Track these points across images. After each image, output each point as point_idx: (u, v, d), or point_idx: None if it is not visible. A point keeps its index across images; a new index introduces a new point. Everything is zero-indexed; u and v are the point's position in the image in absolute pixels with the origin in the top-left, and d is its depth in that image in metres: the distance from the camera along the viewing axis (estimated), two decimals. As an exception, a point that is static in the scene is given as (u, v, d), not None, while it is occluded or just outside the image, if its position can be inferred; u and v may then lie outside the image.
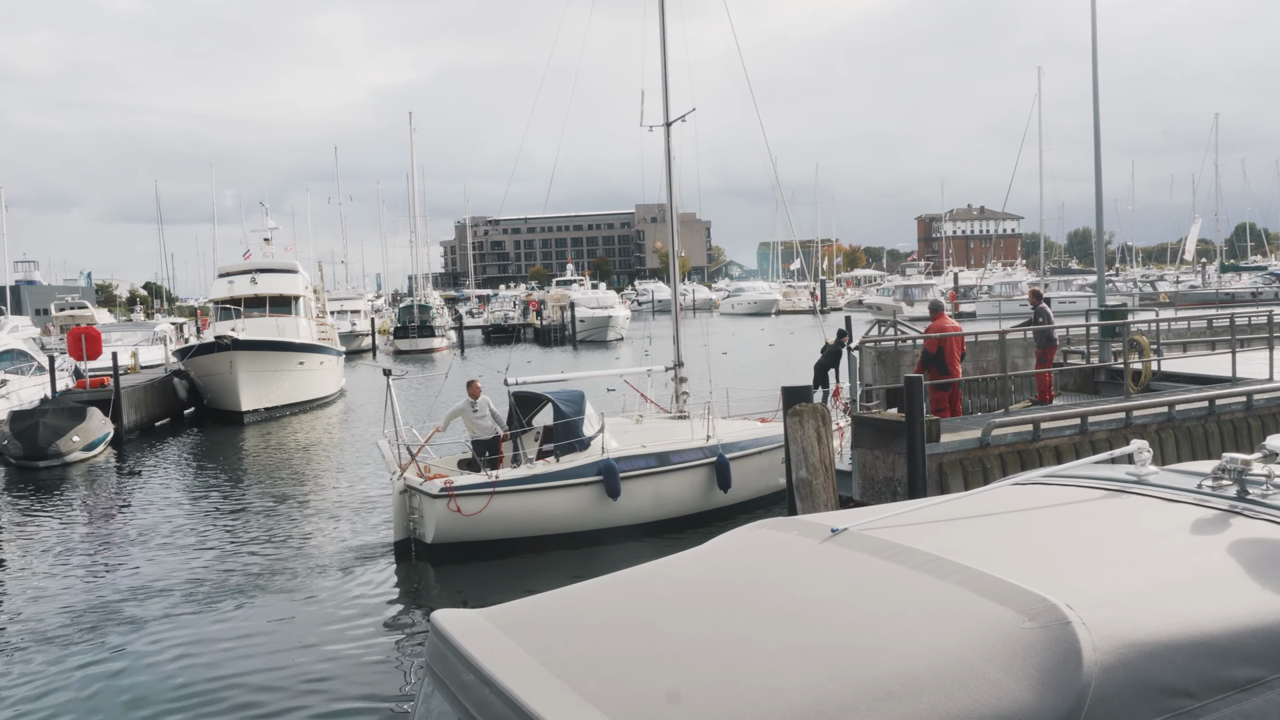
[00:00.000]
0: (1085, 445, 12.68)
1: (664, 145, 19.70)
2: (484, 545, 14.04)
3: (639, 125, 19.52)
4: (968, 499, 3.37)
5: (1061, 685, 2.10)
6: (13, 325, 51.46)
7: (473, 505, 13.88)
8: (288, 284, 36.70)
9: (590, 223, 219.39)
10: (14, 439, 23.39)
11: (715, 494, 15.62)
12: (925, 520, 3.12)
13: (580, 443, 14.94)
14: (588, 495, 14.58)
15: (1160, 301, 69.54)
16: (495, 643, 2.59)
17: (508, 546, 14.14)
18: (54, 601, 12.97)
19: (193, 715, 9.29)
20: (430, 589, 13.50)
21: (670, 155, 19.78)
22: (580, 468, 14.61)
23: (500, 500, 14.03)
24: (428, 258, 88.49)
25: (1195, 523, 2.89)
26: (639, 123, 19.48)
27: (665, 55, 19.50)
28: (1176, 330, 23.19)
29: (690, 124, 19.68)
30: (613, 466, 14.56)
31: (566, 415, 15.16)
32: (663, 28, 19.49)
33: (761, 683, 2.24)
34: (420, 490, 14.08)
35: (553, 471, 14.57)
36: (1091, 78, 20.31)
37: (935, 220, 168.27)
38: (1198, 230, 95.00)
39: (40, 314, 75.59)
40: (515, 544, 14.18)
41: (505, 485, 14.11)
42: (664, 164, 20.19)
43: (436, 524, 13.96)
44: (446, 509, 13.85)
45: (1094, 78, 20.33)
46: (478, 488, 13.99)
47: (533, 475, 14.43)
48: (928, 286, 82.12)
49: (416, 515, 14.29)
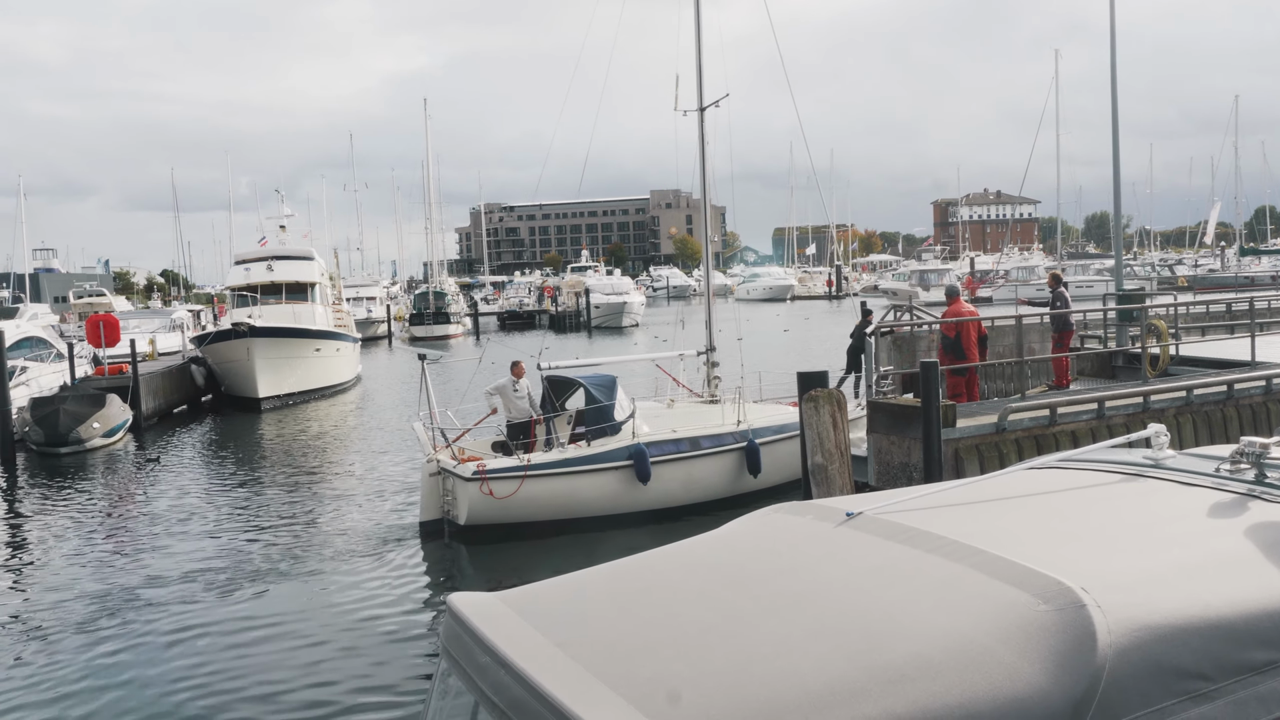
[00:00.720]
0: (1102, 430, 12.62)
1: (697, 130, 19.67)
2: (516, 527, 14.24)
3: (673, 110, 19.58)
4: (983, 483, 3.36)
5: (1076, 668, 2.10)
6: (32, 313, 51.99)
7: (505, 488, 14.10)
8: (304, 271, 36.82)
9: (605, 209, 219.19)
10: (35, 425, 23.60)
11: (745, 479, 15.72)
12: (940, 504, 3.12)
13: (611, 427, 15.10)
14: (618, 479, 14.74)
15: (1179, 285, 68.98)
16: (511, 625, 2.61)
17: (539, 529, 14.32)
18: (80, 586, 13.11)
19: (218, 696, 9.39)
20: (463, 570, 13.73)
21: (704, 140, 19.76)
22: (611, 452, 14.77)
23: (532, 484, 14.24)
24: (443, 244, 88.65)
25: (1212, 506, 2.88)
26: (673, 107, 19.56)
27: (700, 41, 19.44)
28: (1195, 314, 23.03)
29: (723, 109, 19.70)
30: (643, 451, 14.71)
31: (598, 400, 15.35)
32: (698, 12, 19.45)
33: (775, 665, 2.25)
34: (454, 473, 14.32)
35: (583, 456, 14.75)
36: (1110, 60, 20.14)
37: (951, 205, 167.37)
38: (1217, 213, 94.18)
39: (59, 301, 76.18)
40: (546, 527, 14.36)
41: (536, 469, 14.32)
42: (693, 149, 20.17)
43: (469, 506, 14.18)
44: (479, 491, 14.07)
45: (1112, 61, 20.15)
46: (510, 471, 14.21)
47: (564, 459, 14.62)
48: (944, 271, 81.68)
49: (450, 497, 14.54)
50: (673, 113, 19.56)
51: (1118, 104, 20.08)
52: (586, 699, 2.18)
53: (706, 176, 20.09)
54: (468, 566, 13.85)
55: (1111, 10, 20.00)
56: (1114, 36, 20.10)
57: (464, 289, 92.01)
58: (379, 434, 25.16)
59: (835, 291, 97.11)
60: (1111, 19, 20.03)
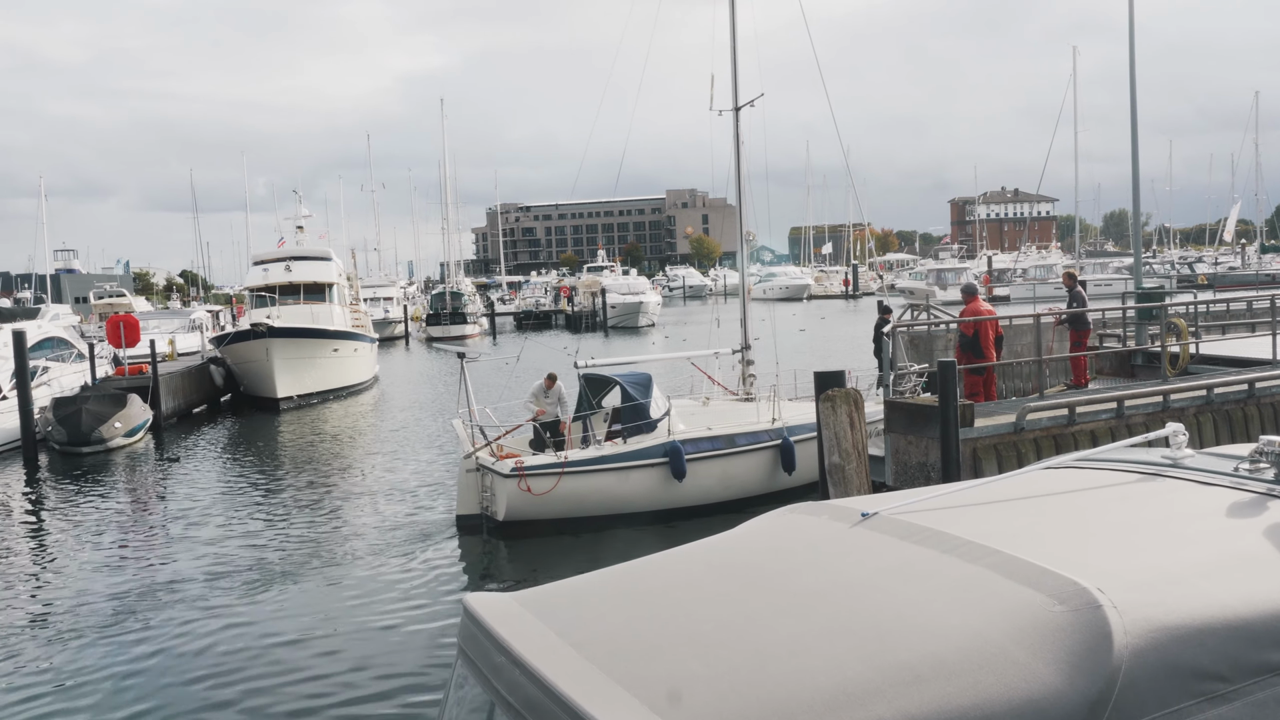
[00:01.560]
0: (1122, 429, 12.55)
1: (733, 129, 19.72)
2: (553, 523, 14.44)
3: (709, 109, 19.74)
4: (999, 483, 3.35)
5: (1091, 668, 2.09)
6: (53, 313, 52.36)
7: (542, 485, 14.32)
8: (322, 271, 37.00)
9: (621, 209, 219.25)
10: (58, 425, 23.81)
11: (780, 476, 15.84)
12: (956, 504, 3.11)
13: (647, 425, 15.31)
14: (654, 476, 14.92)
15: (1199, 283, 68.48)
16: (526, 625, 2.62)
17: (576, 525, 14.50)
18: (115, 584, 13.25)
19: (240, 691, 9.47)
20: (500, 564, 13.96)
21: (739, 140, 19.77)
22: (647, 449, 14.96)
23: (569, 480, 14.44)
24: (459, 245, 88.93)
25: (1231, 506, 2.86)
26: (709, 107, 19.74)
27: (734, 41, 19.46)
28: (1215, 312, 22.84)
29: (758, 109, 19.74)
30: (679, 448, 14.88)
31: (634, 398, 15.56)
32: (733, 12, 19.46)
33: (790, 665, 2.25)
34: (492, 469, 14.58)
35: (620, 453, 14.95)
36: (1129, 56, 20.01)
37: (968, 203, 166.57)
38: (1238, 211, 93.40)
39: (80, 302, 76.82)
40: (583, 523, 14.53)
41: (574, 466, 14.54)
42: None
43: (508, 502, 14.41)
44: (518, 488, 14.30)
45: (1131, 57, 20.02)
46: (547, 468, 14.43)
47: (600, 456, 14.83)
48: (961, 270, 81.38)
49: (488, 494, 14.79)
50: (708, 112, 19.79)
51: (1136, 100, 19.95)
52: (601, 699, 2.19)
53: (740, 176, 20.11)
54: (504, 561, 14.07)
55: (1130, 7, 19.87)
56: (1132, 33, 19.96)
57: (480, 289, 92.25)
58: (399, 433, 25.29)
59: (852, 291, 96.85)
60: (1130, 16, 19.90)
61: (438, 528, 15.29)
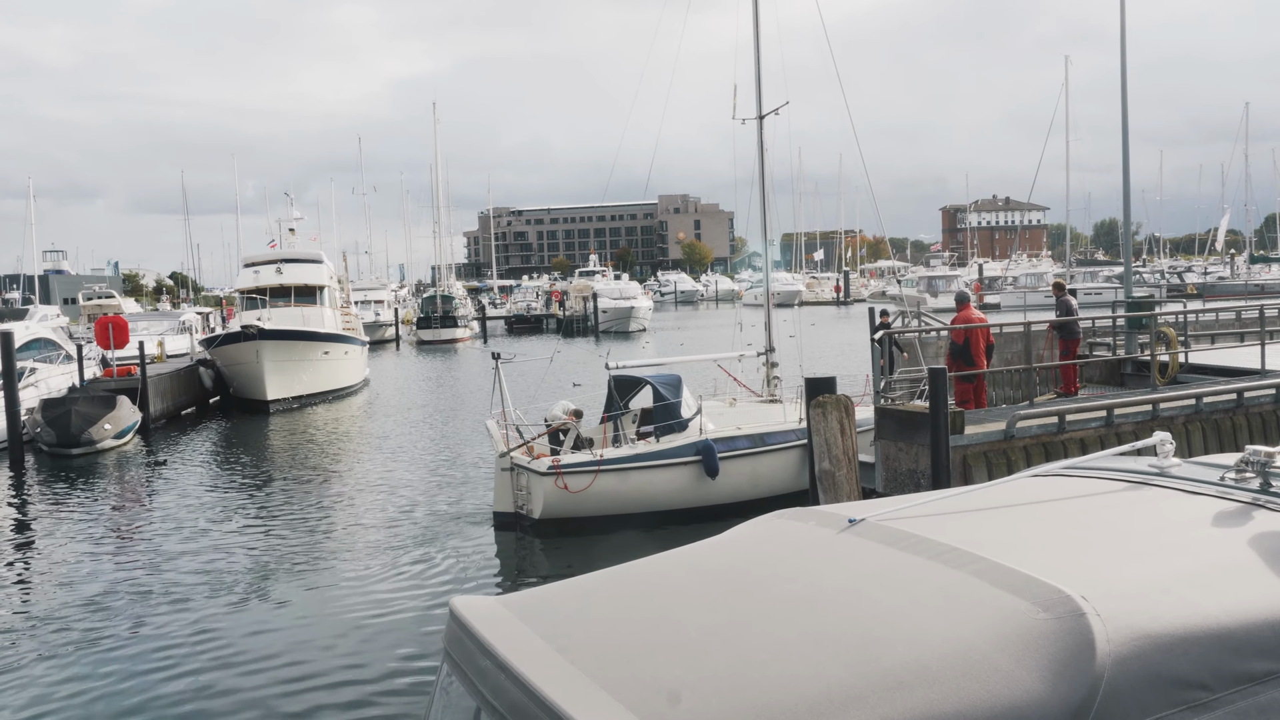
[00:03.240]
0: (1111, 438, 12.58)
1: (756, 137, 19.76)
2: (588, 521, 14.61)
3: (731, 118, 19.80)
4: (987, 490, 3.36)
5: (1074, 676, 2.09)
6: (42, 314, 52.16)
7: (579, 483, 14.52)
8: (313, 274, 36.92)
9: (613, 213, 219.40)
10: (46, 427, 23.68)
11: (806, 474, 15.92)
12: (943, 511, 3.12)
13: (679, 424, 15.55)
14: (687, 474, 15.11)
15: (1188, 293, 68.77)
16: (512, 629, 2.62)
17: (610, 523, 14.64)
18: (109, 585, 13.15)
19: (222, 700, 9.42)
20: (535, 560, 14.21)
21: (763, 147, 19.81)
22: (680, 448, 15.17)
23: (605, 478, 14.65)
24: (451, 248, 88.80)
25: (1216, 515, 2.87)
26: (731, 115, 19.80)
27: (759, 50, 19.42)
28: (1204, 322, 22.93)
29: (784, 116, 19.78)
30: (711, 447, 15.06)
31: (666, 398, 15.76)
32: (756, 21, 19.43)
33: (774, 671, 2.25)
34: (529, 468, 14.79)
35: (654, 451, 15.15)
36: (1120, 67, 20.10)
37: (960, 211, 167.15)
38: (1227, 221, 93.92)
39: (68, 303, 76.48)
40: (617, 520, 14.67)
41: (610, 464, 14.74)
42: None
43: (545, 500, 14.60)
44: (555, 486, 14.50)
45: (1122, 67, 20.12)
46: (584, 466, 14.63)
47: (635, 454, 15.04)
48: (952, 278, 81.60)
49: (523, 492, 15.00)
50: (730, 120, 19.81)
51: (1128, 110, 20.05)
52: (585, 703, 2.19)
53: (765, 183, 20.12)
54: (541, 557, 14.30)
55: (1122, 19, 19.98)
56: (1124, 45, 20.07)
57: (472, 293, 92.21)
58: (391, 435, 25.23)
59: (843, 297, 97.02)
60: (1122, 28, 20.00)
61: (435, 528, 15.38)
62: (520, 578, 13.37)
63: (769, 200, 20.15)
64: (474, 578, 13.19)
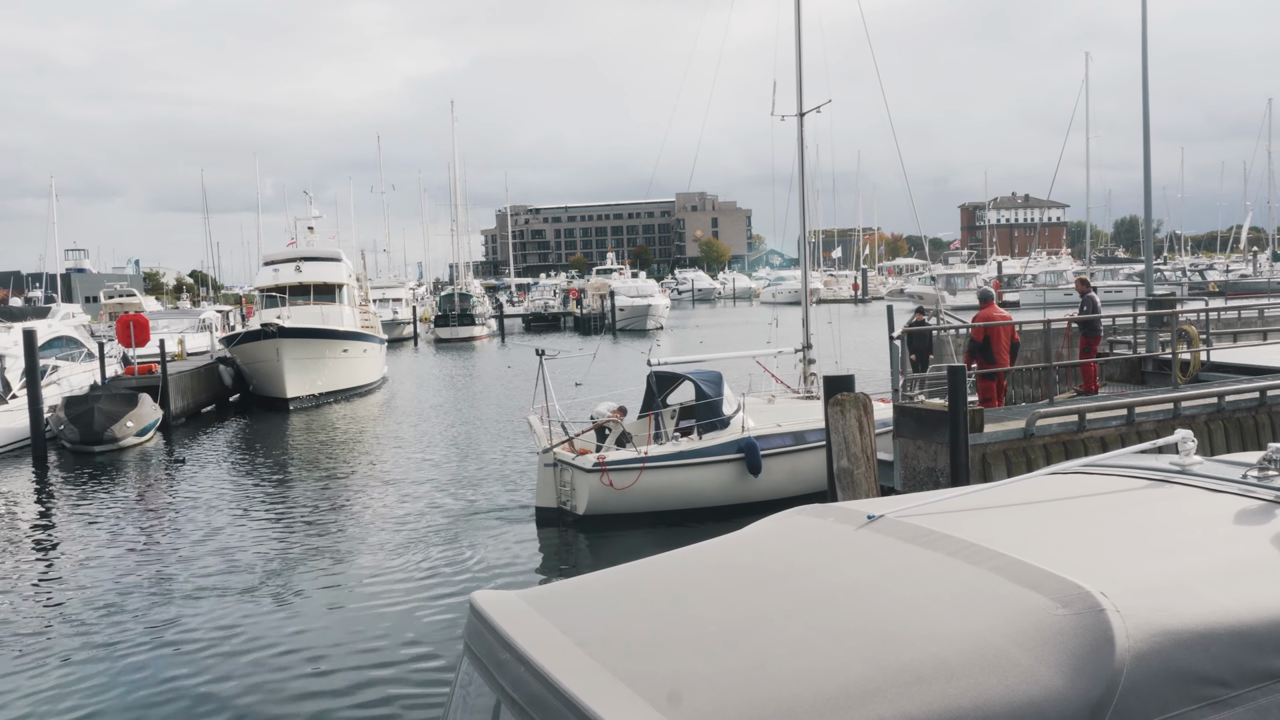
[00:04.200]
0: (1132, 436, 12.50)
1: (796, 134, 19.70)
2: (631, 518, 14.72)
3: (770, 115, 19.72)
4: (1005, 487, 3.35)
5: (1093, 672, 2.09)
6: (64, 313, 52.65)
7: (624, 479, 14.65)
8: (332, 272, 37.09)
9: (630, 211, 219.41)
10: (70, 424, 23.90)
11: None
12: (962, 508, 3.12)
13: (720, 421, 15.64)
14: (730, 471, 15.21)
15: (1210, 291, 68.20)
16: (532, 623, 2.64)
17: (653, 519, 14.73)
18: (143, 583, 13.25)
19: (244, 693, 9.49)
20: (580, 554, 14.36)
21: (803, 145, 19.78)
22: (723, 445, 15.28)
23: (649, 475, 14.77)
24: (468, 246, 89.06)
25: (1238, 513, 2.86)
26: (770, 113, 19.73)
27: (800, 48, 19.33)
28: (1226, 320, 22.76)
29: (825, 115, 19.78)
30: (754, 444, 15.15)
31: (708, 395, 15.84)
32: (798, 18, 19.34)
33: (792, 666, 2.26)
34: (573, 465, 14.93)
35: (698, 448, 15.24)
36: (1141, 62, 19.96)
37: (979, 208, 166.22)
38: (1250, 219, 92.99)
39: (90, 301, 77.14)
40: (660, 517, 14.77)
41: (654, 461, 14.85)
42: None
43: (589, 497, 14.76)
44: (600, 482, 14.64)
45: (1143, 62, 19.97)
46: (629, 463, 14.74)
47: (679, 452, 15.16)
48: (970, 276, 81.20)
49: (567, 488, 15.16)
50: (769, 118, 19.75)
51: (1149, 106, 19.91)
52: (604, 697, 2.20)
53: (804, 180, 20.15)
54: (585, 553, 14.41)
55: (1144, 12, 19.83)
56: (1145, 38, 19.92)
57: (489, 291, 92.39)
58: (412, 432, 25.34)
59: (861, 295, 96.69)
60: (1144, 22, 19.85)
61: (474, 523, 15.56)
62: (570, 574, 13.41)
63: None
64: (519, 572, 13.27)
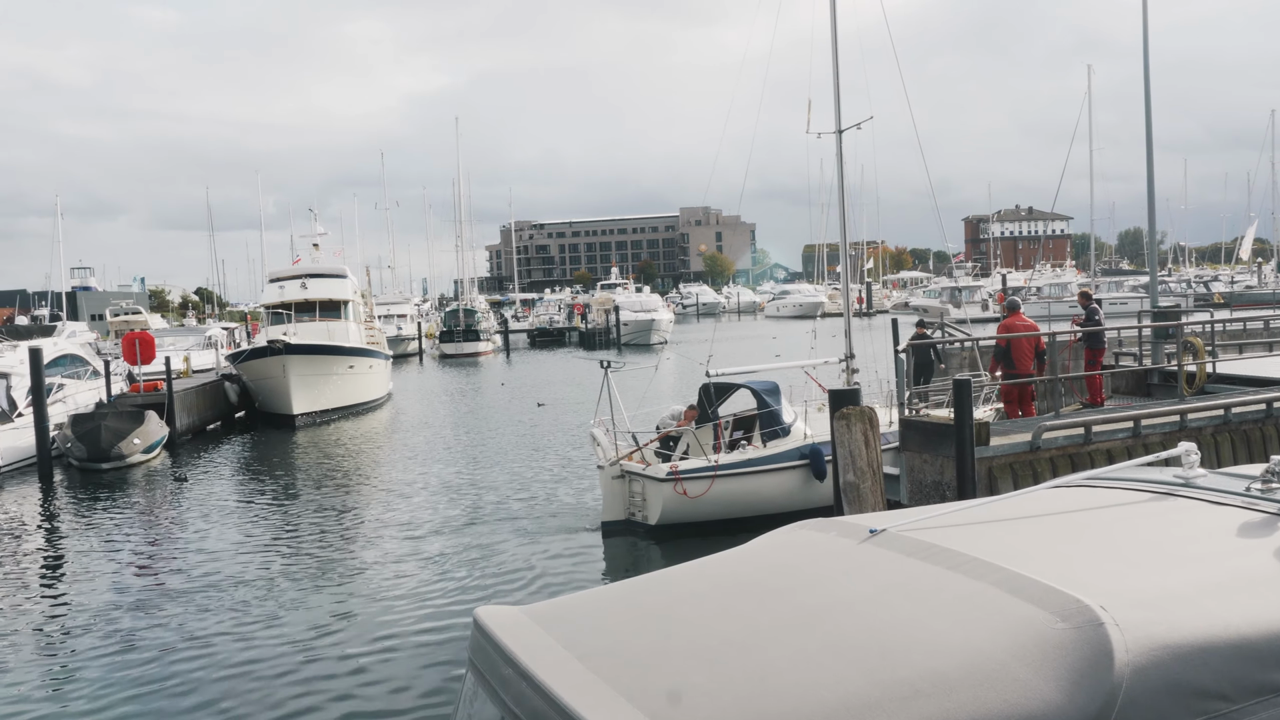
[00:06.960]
0: (1138, 448, 12.49)
1: (835, 150, 19.56)
2: (702, 526, 14.87)
3: (805, 132, 19.71)
4: (1009, 501, 3.35)
5: (1092, 686, 2.09)
6: (70, 330, 52.79)
7: (697, 488, 14.93)
8: (337, 289, 37.19)
9: (635, 226, 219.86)
10: (77, 441, 23.94)
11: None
12: (965, 522, 3.12)
13: (782, 429, 15.99)
14: (797, 478, 15.50)
15: (1215, 302, 68.08)
16: (534, 638, 2.64)
17: (722, 527, 14.75)
18: (151, 600, 13.27)
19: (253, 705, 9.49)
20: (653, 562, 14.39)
21: (842, 161, 19.78)
22: (788, 452, 15.59)
23: (721, 483, 15.05)
24: (473, 262, 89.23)
25: (1241, 526, 2.85)
26: (805, 130, 19.71)
27: (837, 64, 19.18)
28: (1232, 331, 22.74)
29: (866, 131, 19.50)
30: (819, 450, 15.34)
31: (768, 404, 16.17)
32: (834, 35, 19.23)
33: (792, 680, 2.26)
34: (644, 475, 15.22)
35: (766, 456, 15.54)
36: (1144, 73, 20.01)
37: (982, 221, 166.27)
38: (1254, 230, 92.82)
39: (96, 319, 77.35)
40: (730, 525, 14.78)
41: (726, 469, 15.13)
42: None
43: (663, 506, 14.99)
44: (674, 492, 14.89)
45: (1145, 74, 20.03)
46: (701, 471, 15.02)
47: (748, 459, 15.45)
48: (975, 288, 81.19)
49: (637, 499, 15.44)
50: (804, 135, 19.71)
51: (1151, 117, 19.94)
52: (606, 711, 2.21)
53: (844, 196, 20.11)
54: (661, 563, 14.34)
55: (1145, 24, 19.89)
56: (1146, 52, 19.97)
57: (494, 306, 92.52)
58: (416, 448, 25.35)
59: (865, 309, 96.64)
60: (1145, 37, 19.91)
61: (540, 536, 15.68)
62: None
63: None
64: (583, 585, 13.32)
